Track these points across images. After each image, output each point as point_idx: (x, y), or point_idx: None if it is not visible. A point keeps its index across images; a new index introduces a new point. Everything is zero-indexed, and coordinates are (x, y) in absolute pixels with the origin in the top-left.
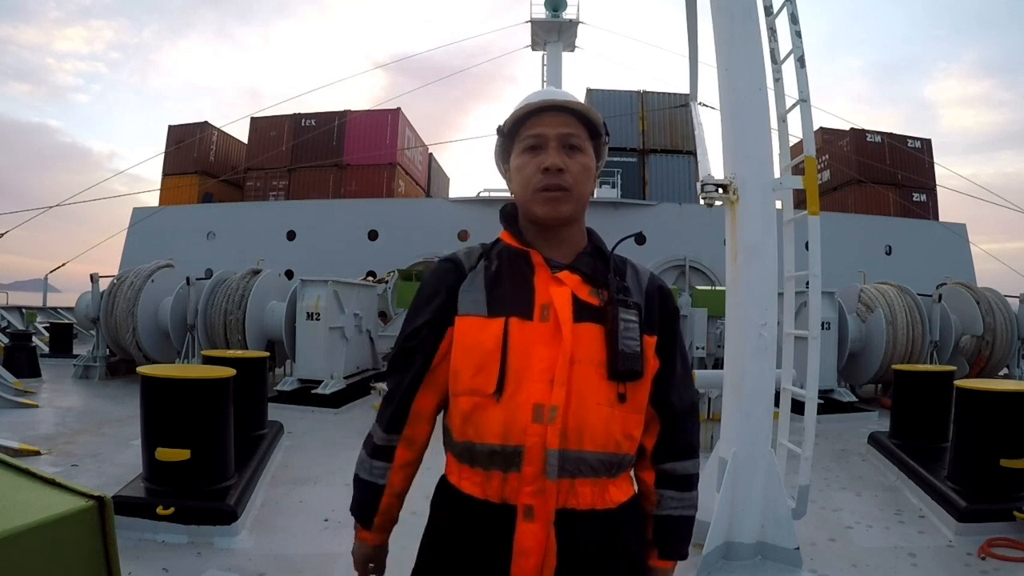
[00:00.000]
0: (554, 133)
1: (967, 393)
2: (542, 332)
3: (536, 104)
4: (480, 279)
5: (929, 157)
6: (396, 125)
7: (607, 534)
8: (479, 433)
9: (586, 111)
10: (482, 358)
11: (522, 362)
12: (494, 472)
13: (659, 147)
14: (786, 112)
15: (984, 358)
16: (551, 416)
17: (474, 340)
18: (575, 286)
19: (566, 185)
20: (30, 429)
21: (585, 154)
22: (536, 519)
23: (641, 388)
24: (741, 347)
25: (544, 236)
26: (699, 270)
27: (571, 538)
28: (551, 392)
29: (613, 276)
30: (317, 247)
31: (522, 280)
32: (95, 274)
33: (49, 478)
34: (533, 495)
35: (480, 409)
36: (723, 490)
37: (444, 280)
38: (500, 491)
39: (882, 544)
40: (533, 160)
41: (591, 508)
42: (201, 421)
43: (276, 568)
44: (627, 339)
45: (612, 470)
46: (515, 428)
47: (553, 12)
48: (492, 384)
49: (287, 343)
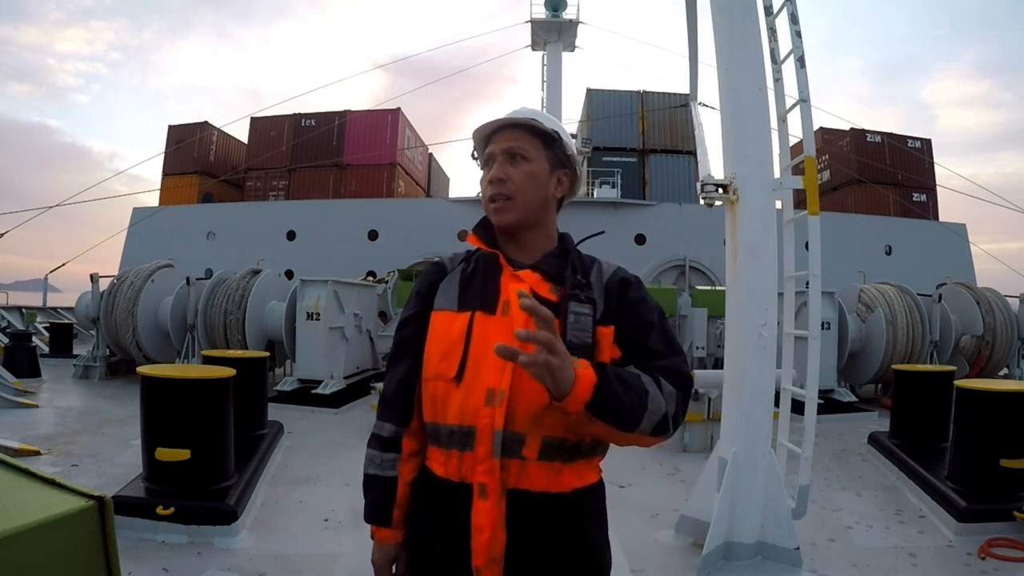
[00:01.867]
0: (500, 149)
1: (967, 393)
2: (501, 325)
3: (489, 128)
4: (456, 278)
5: (929, 157)
6: (396, 125)
7: (560, 517)
8: (442, 414)
9: (531, 122)
10: (448, 346)
11: (482, 352)
12: (452, 451)
13: (659, 147)
14: (786, 112)
15: (984, 358)
16: (499, 399)
17: (443, 331)
18: (535, 283)
19: (508, 193)
20: (30, 429)
21: (530, 162)
22: (488, 497)
23: None
24: (741, 347)
25: (511, 240)
26: (699, 270)
27: (522, 518)
28: (502, 378)
29: (570, 274)
30: (317, 247)
31: (491, 279)
32: (95, 274)
33: (49, 478)
34: (485, 474)
35: (443, 392)
36: (723, 490)
37: (428, 279)
38: (458, 470)
39: (882, 544)
40: (486, 176)
41: (544, 491)
42: (201, 421)
43: (276, 568)
44: (577, 331)
45: (565, 455)
46: (469, 410)
47: (553, 12)
48: (454, 369)
49: (287, 343)
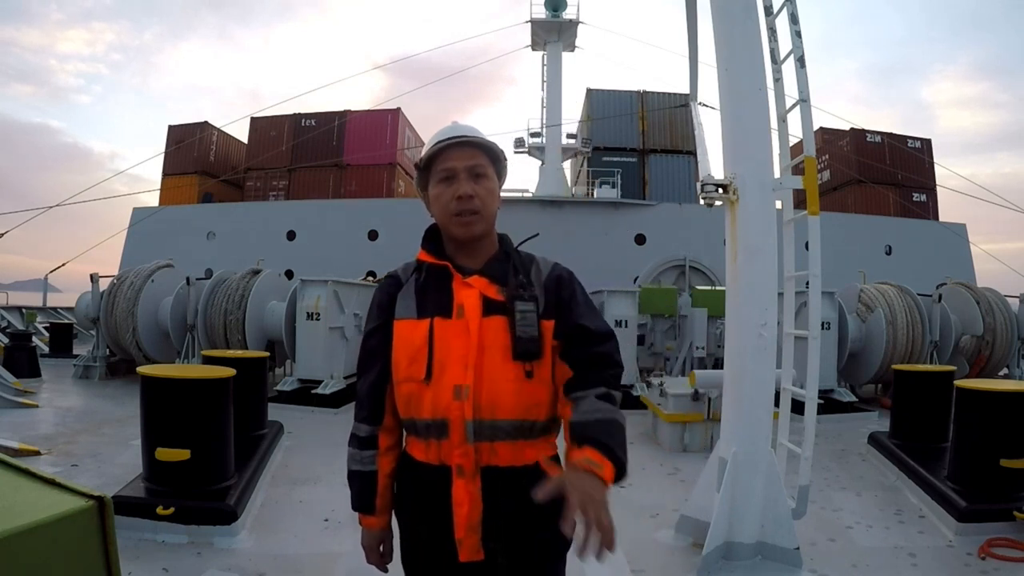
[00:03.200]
0: (463, 165)
1: (967, 393)
2: (458, 327)
3: (446, 141)
4: (411, 288)
5: (929, 157)
6: (396, 125)
7: (524, 485)
8: (417, 410)
9: (487, 143)
10: (414, 352)
11: (444, 353)
12: (431, 440)
13: (659, 147)
14: (786, 112)
15: (984, 358)
16: (465, 394)
17: (408, 338)
18: (483, 287)
19: (476, 208)
20: (30, 429)
21: (489, 179)
22: (465, 475)
23: (544, 364)
24: (741, 347)
25: (462, 248)
26: (699, 270)
27: (493, 490)
28: (465, 375)
29: (513, 275)
30: (317, 247)
31: (443, 287)
32: (95, 274)
33: (49, 478)
34: (461, 456)
35: (416, 392)
36: (723, 490)
37: (387, 291)
38: (438, 454)
39: (882, 544)
40: (448, 189)
41: (510, 465)
42: (201, 421)
43: (276, 568)
44: (524, 326)
45: (527, 434)
46: (440, 405)
47: (553, 12)
48: (422, 372)
49: (287, 343)
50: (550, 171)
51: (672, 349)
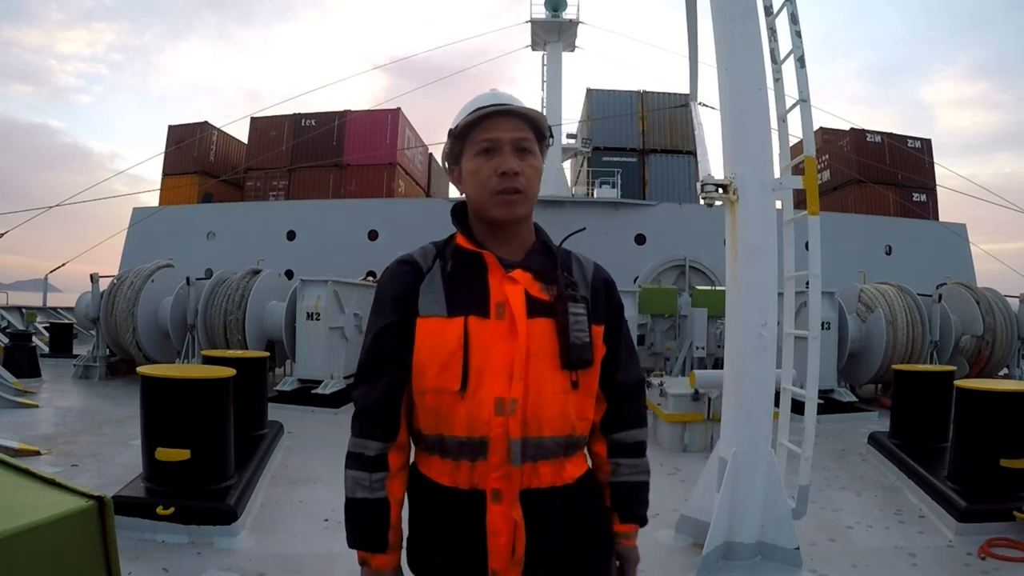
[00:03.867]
0: (508, 137)
1: (967, 393)
2: (499, 329)
3: (489, 108)
4: (438, 280)
5: (929, 157)
6: (396, 125)
7: (567, 506)
8: (448, 427)
9: (535, 115)
10: (446, 357)
11: (483, 359)
12: (463, 461)
13: (659, 147)
14: (786, 112)
15: (984, 358)
16: (512, 408)
17: (437, 340)
18: (527, 283)
19: (521, 187)
20: (30, 429)
21: (535, 156)
22: (503, 501)
23: (592, 374)
24: (741, 347)
25: (495, 235)
26: (699, 270)
27: (536, 514)
28: (510, 386)
29: (561, 272)
30: (317, 247)
31: (477, 279)
32: (95, 274)
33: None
34: (499, 480)
35: (447, 405)
36: (723, 490)
37: (404, 281)
38: (469, 478)
39: (882, 544)
40: (488, 163)
41: (551, 486)
42: (201, 421)
43: (276, 568)
44: (577, 331)
45: (568, 450)
46: (479, 421)
47: (553, 12)
48: (457, 381)
49: (287, 343)
50: (550, 171)
51: (672, 349)
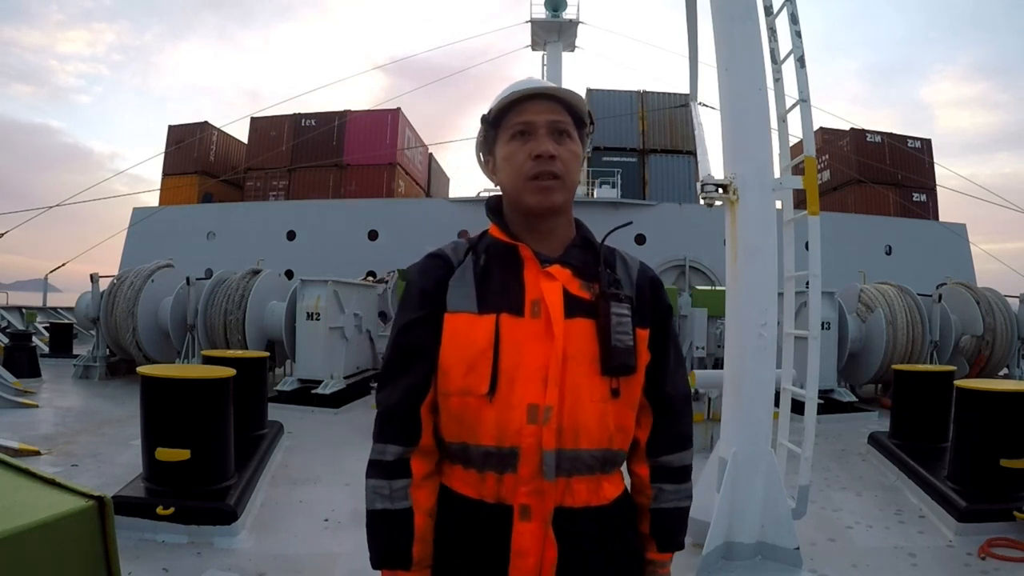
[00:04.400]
0: (543, 120)
1: (967, 393)
2: (534, 329)
3: (523, 91)
4: (469, 274)
5: (929, 157)
6: (396, 125)
7: (604, 530)
8: (473, 434)
9: (573, 98)
10: (474, 357)
11: (515, 360)
12: (488, 473)
13: (659, 147)
14: (786, 112)
15: (984, 358)
16: (546, 416)
17: (465, 338)
18: (566, 280)
19: (558, 172)
20: (30, 429)
21: (573, 141)
22: (533, 519)
23: (634, 382)
24: (741, 347)
25: (532, 228)
26: (699, 270)
27: (570, 537)
28: (545, 391)
29: (603, 269)
30: (317, 247)
31: (512, 275)
32: (95, 274)
33: (49, 478)
34: (529, 495)
35: (473, 410)
36: (723, 490)
37: (433, 275)
38: (496, 491)
39: (882, 544)
40: (523, 148)
41: (586, 506)
42: (201, 421)
43: (276, 568)
44: (620, 334)
45: (607, 466)
46: (510, 429)
47: (553, 12)
48: (485, 384)
49: (287, 343)
50: None
51: None
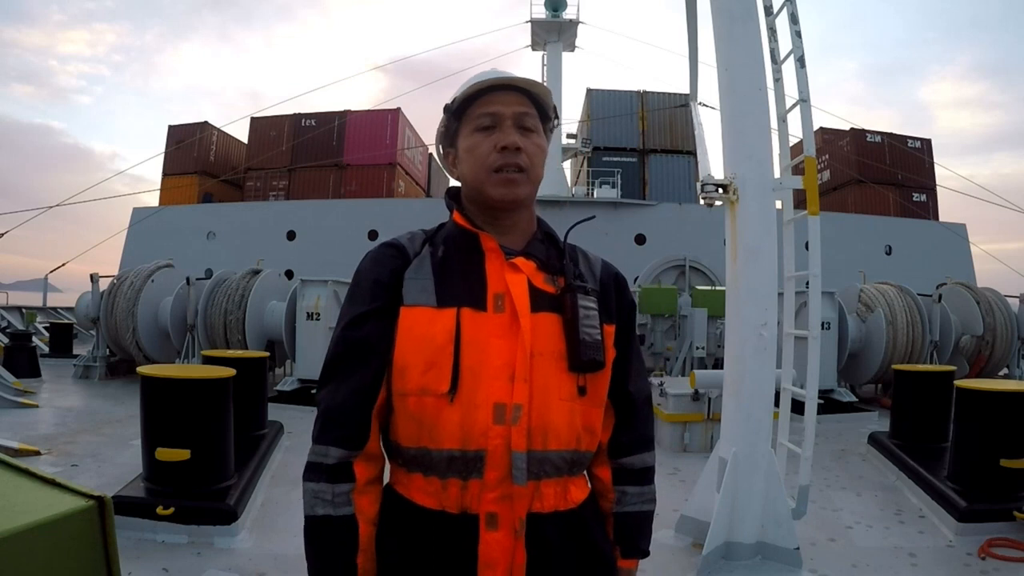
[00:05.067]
0: (509, 112)
1: (967, 393)
2: (498, 324)
3: (489, 82)
4: (427, 265)
5: (929, 157)
6: (396, 125)
7: (573, 535)
8: (434, 438)
9: (540, 91)
10: (432, 353)
11: (477, 357)
12: (451, 480)
13: (659, 147)
14: (786, 112)
15: (984, 358)
16: (515, 416)
17: (423, 333)
18: (531, 273)
19: (523, 165)
20: (30, 429)
21: (539, 135)
22: (500, 527)
23: (601, 380)
24: (741, 347)
25: (494, 221)
26: (699, 270)
27: (540, 544)
28: (512, 389)
29: (568, 262)
30: (317, 247)
31: (472, 267)
32: (95, 274)
33: (49, 478)
34: (496, 502)
35: (433, 411)
36: (723, 490)
37: (388, 265)
38: (459, 500)
39: (882, 544)
40: (488, 139)
41: (555, 510)
42: (201, 421)
43: (276, 568)
44: (588, 327)
45: (574, 468)
46: (475, 431)
47: (553, 12)
48: (445, 382)
49: (287, 343)
50: (550, 171)
51: (672, 349)
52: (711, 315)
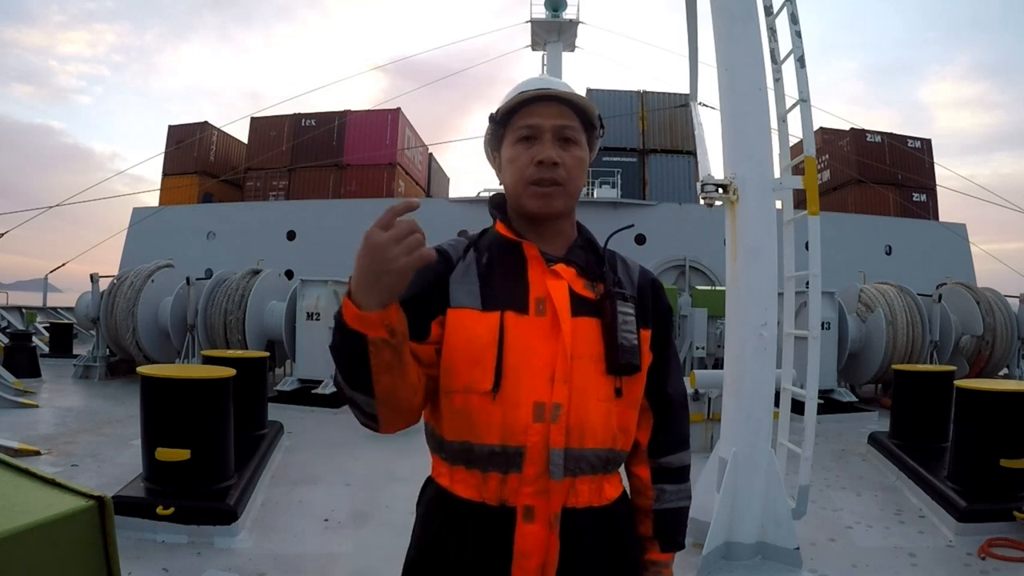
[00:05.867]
0: (549, 124)
1: (967, 393)
2: (540, 327)
3: (532, 93)
4: (473, 271)
5: (929, 157)
6: (396, 125)
7: (605, 531)
8: (476, 433)
9: (583, 103)
10: (477, 353)
11: (520, 358)
12: (492, 473)
13: (659, 147)
14: (786, 112)
15: (984, 358)
16: (555, 415)
17: (469, 334)
18: (571, 279)
19: (560, 179)
20: (30, 429)
21: (580, 147)
22: (536, 520)
23: (637, 382)
24: (741, 347)
25: (535, 229)
26: (699, 270)
27: (573, 537)
28: (552, 389)
29: (607, 269)
30: (317, 247)
31: (515, 273)
32: (95, 274)
33: (49, 478)
34: (534, 496)
35: (476, 408)
36: (723, 490)
37: (433, 269)
38: (498, 493)
39: (882, 544)
40: (527, 152)
41: (588, 506)
42: (201, 421)
43: (276, 568)
44: (625, 332)
45: (608, 467)
46: (516, 428)
47: (553, 12)
48: (488, 380)
49: (287, 343)
50: None
51: None
52: (711, 315)
